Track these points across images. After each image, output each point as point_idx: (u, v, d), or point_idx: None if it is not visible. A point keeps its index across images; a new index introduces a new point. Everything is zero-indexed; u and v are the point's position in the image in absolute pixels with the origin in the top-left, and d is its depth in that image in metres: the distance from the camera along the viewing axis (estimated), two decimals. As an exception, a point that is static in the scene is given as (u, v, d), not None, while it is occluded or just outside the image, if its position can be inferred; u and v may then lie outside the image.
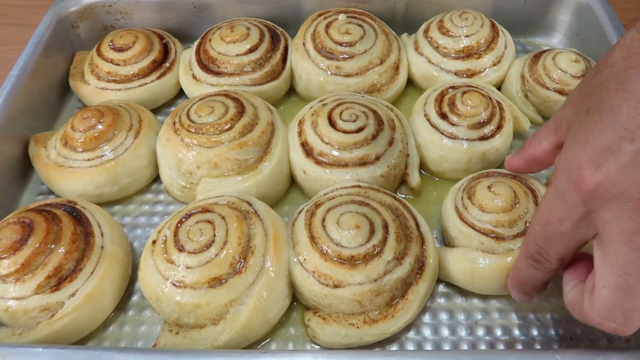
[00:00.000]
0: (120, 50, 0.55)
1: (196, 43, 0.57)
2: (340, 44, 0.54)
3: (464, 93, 0.48)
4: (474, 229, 0.41)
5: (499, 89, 0.55)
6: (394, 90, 0.55)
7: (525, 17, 0.61)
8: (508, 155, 0.43)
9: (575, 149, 0.31)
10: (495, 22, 0.57)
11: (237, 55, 0.54)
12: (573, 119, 0.34)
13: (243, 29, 0.55)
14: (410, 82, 0.58)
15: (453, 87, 0.50)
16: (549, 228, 0.33)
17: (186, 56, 0.58)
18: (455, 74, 0.54)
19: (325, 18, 0.57)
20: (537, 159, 0.39)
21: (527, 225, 0.40)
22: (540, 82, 0.52)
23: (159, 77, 0.56)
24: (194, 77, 0.55)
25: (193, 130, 0.47)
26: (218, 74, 0.54)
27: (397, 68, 0.56)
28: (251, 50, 0.54)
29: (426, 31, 0.57)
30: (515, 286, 0.38)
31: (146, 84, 0.55)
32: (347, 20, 0.56)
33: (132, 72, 0.55)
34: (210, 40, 0.56)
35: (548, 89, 0.52)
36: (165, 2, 0.61)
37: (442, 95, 0.50)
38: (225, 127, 0.46)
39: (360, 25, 0.55)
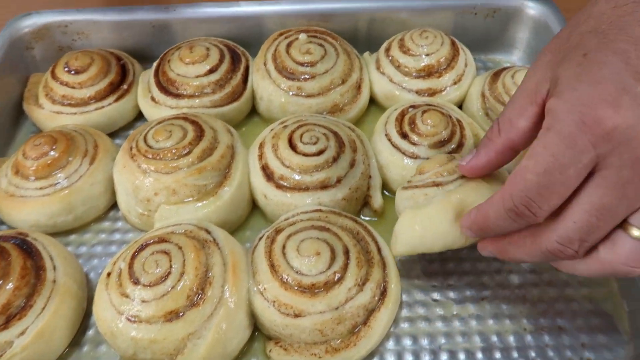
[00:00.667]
0: (75, 72, 0.54)
1: (155, 64, 0.56)
2: (301, 64, 0.53)
3: (424, 112, 0.48)
4: (417, 187, 0.41)
5: (460, 107, 0.56)
6: (357, 110, 0.55)
7: (485, 35, 0.62)
8: (461, 160, 0.39)
9: (585, 90, 0.29)
10: (455, 40, 0.57)
11: (197, 76, 0.53)
12: (562, 70, 0.31)
13: (202, 49, 0.54)
14: (372, 101, 0.57)
15: (413, 107, 0.50)
16: (548, 177, 0.30)
17: (145, 78, 0.56)
18: (417, 93, 0.54)
19: (286, 37, 0.57)
20: (513, 144, 0.35)
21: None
22: (500, 100, 0.52)
23: (116, 100, 0.54)
24: (153, 99, 0.54)
25: (150, 156, 0.45)
26: (177, 96, 0.53)
27: (359, 87, 0.56)
28: (211, 71, 0.54)
29: (387, 50, 0.57)
30: (477, 231, 0.36)
31: (103, 107, 0.54)
32: (308, 39, 0.55)
33: (88, 95, 0.53)
34: (169, 61, 0.55)
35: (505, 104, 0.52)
36: (123, 22, 0.60)
37: (402, 114, 0.50)
38: (184, 152, 0.45)
39: (321, 45, 0.55)
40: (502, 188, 0.32)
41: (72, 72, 0.54)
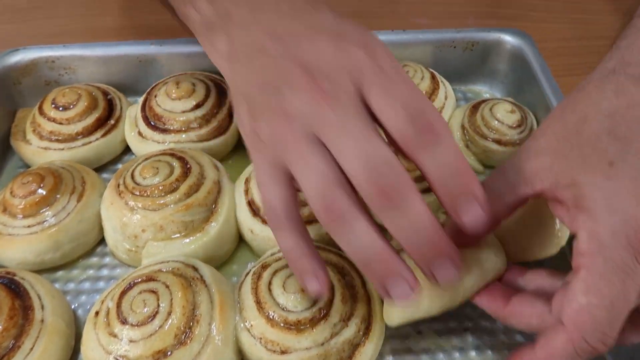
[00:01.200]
0: (63, 108, 0.54)
1: (142, 99, 0.57)
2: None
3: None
4: None
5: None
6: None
7: (464, 67, 0.63)
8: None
9: (625, 211, 0.29)
10: (435, 73, 0.59)
11: (183, 112, 0.54)
12: (586, 180, 0.30)
13: (189, 85, 0.56)
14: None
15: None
16: (617, 308, 0.29)
17: (132, 112, 0.57)
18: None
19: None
20: (497, 217, 0.35)
21: None
22: (479, 132, 0.54)
23: (103, 135, 0.55)
24: (140, 134, 0.55)
25: (137, 193, 0.46)
26: (164, 131, 0.54)
27: (342, 120, 0.57)
28: (197, 107, 0.55)
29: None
30: None
31: (91, 142, 0.54)
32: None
33: (75, 131, 0.54)
34: (155, 96, 0.56)
35: (487, 139, 0.54)
36: (110, 57, 0.61)
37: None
38: (171, 189, 0.46)
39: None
40: (563, 330, 0.30)
41: (60, 109, 0.54)
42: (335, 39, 0.32)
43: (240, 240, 0.50)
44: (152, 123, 0.55)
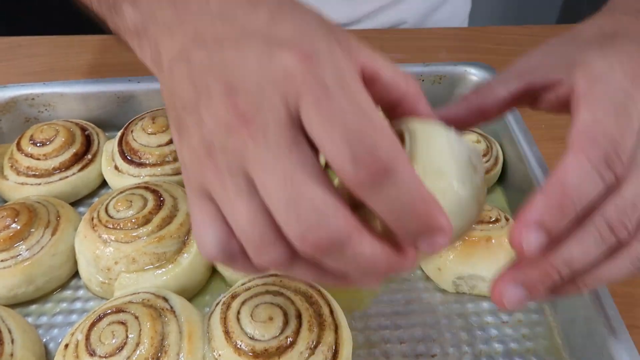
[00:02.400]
0: (41, 144, 0.56)
1: (119, 134, 0.59)
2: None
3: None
4: None
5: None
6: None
7: (432, 98, 0.63)
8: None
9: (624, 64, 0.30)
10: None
11: (159, 145, 0.56)
12: (574, 57, 0.32)
13: (164, 120, 0.57)
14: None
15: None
16: (624, 120, 0.28)
17: (109, 147, 0.59)
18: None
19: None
20: (485, 108, 0.34)
21: None
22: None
23: (80, 170, 0.56)
24: (117, 168, 0.56)
25: (111, 226, 0.47)
26: (140, 164, 0.55)
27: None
28: (172, 141, 0.56)
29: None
30: (556, 214, 0.27)
31: (67, 177, 0.55)
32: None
33: (52, 166, 0.55)
34: (132, 131, 0.57)
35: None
36: (89, 94, 0.62)
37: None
38: (144, 221, 0.47)
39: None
40: (570, 150, 0.28)
41: (38, 144, 0.56)
42: (267, 44, 0.25)
43: (214, 271, 0.51)
44: (129, 157, 0.56)
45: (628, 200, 0.28)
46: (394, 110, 0.31)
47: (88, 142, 0.59)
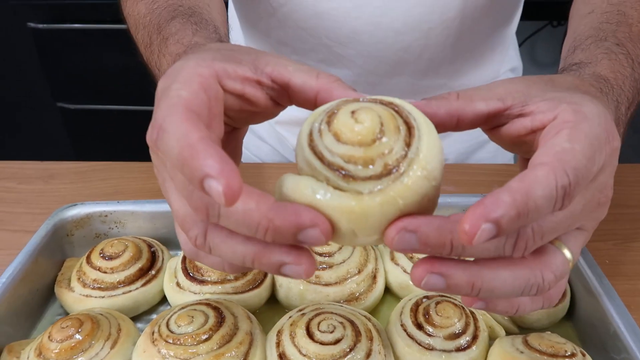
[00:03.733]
0: (109, 258, 0.58)
1: (183, 252, 0.60)
2: (320, 255, 0.57)
3: (437, 303, 0.50)
4: (321, 160, 0.30)
5: (472, 298, 0.57)
6: (372, 299, 0.57)
7: None
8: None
9: (603, 111, 0.32)
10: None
11: (221, 264, 0.57)
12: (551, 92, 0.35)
13: (228, 239, 0.59)
14: (387, 290, 0.60)
15: (427, 297, 0.52)
16: (590, 165, 0.30)
17: (172, 264, 0.60)
18: (430, 283, 0.56)
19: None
20: (461, 117, 0.34)
21: (388, 166, 0.29)
22: (512, 292, 0.54)
23: (143, 285, 0.57)
24: (178, 285, 0.57)
25: (171, 341, 0.47)
26: (202, 282, 0.56)
27: (374, 277, 0.58)
28: (235, 260, 0.57)
29: (400, 242, 0.60)
30: (512, 221, 0.26)
31: (130, 291, 0.56)
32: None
33: (118, 280, 0.56)
34: (196, 249, 0.59)
35: (519, 299, 0.53)
36: (157, 213, 0.65)
37: (417, 305, 0.51)
38: (204, 338, 0.47)
39: (338, 237, 0.59)
40: (543, 164, 0.28)
41: (106, 258, 0.58)
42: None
43: (268, 397, 0.49)
44: (191, 274, 0.57)
45: (547, 227, 0.30)
46: (316, 102, 0.34)
47: (153, 258, 0.60)
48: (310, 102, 0.35)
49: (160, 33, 0.49)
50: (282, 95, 0.36)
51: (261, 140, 0.96)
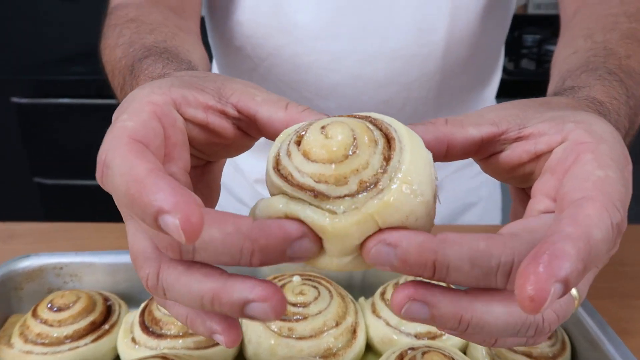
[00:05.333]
0: (58, 309, 0.52)
1: (143, 304, 0.54)
2: (294, 305, 0.52)
3: (423, 354, 0.44)
4: (290, 183, 0.26)
5: (464, 352, 0.51)
6: (352, 356, 0.50)
7: None
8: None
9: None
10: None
11: (183, 316, 0.51)
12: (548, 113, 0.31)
13: (193, 289, 0.53)
14: (369, 347, 0.53)
15: (412, 349, 0.46)
16: (629, 188, 0.27)
17: (129, 318, 0.54)
18: (416, 336, 0.51)
19: (279, 281, 0.56)
20: (451, 143, 0.31)
21: (364, 183, 0.25)
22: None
23: (94, 340, 0.51)
24: (133, 340, 0.51)
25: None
26: (160, 336, 0.50)
27: (354, 332, 0.52)
28: (199, 311, 0.51)
29: (383, 294, 0.55)
30: (577, 274, 0.22)
31: (78, 347, 0.50)
32: (302, 282, 0.55)
33: (64, 334, 0.50)
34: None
35: (515, 352, 0.48)
36: (119, 265, 0.60)
37: (401, 357, 0.46)
38: (155, 394, 0.40)
39: (315, 287, 0.54)
40: (590, 200, 0.24)
41: (55, 310, 0.52)
42: None
43: None
44: (149, 328, 0.51)
45: None
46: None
47: (109, 312, 0.54)
48: (277, 132, 0.31)
49: (132, 72, 0.46)
50: (251, 127, 0.32)
51: (241, 203, 0.92)
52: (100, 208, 1.72)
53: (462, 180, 0.87)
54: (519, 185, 0.35)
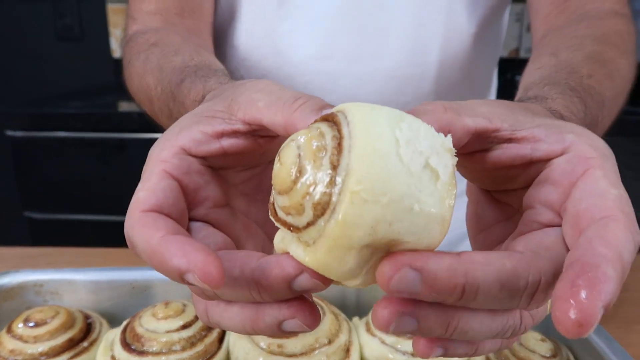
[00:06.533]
0: (35, 325, 0.49)
1: (125, 322, 0.52)
2: (284, 321, 0.49)
3: (421, 368, 0.42)
4: (275, 219, 0.25)
5: (463, 371, 0.49)
6: (345, 375, 0.48)
7: None
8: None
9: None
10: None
11: (167, 332, 0.48)
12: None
13: (179, 305, 0.51)
14: (363, 368, 0.51)
15: (409, 365, 0.44)
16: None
17: (110, 336, 0.51)
18: (412, 355, 0.48)
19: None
20: (449, 131, 0.28)
21: (318, 205, 0.22)
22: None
23: (71, 358, 0.48)
24: (113, 358, 0.48)
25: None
26: (141, 353, 0.47)
27: (347, 351, 0.50)
28: (184, 327, 0.49)
29: (378, 312, 0.53)
30: (610, 297, 0.21)
31: (54, 365, 0.47)
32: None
33: (39, 351, 0.47)
34: (140, 317, 0.50)
35: (518, 370, 0.45)
36: (101, 282, 0.57)
37: (397, 374, 0.43)
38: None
39: (306, 304, 0.51)
40: (614, 219, 0.23)
41: (31, 325, 0.49)
42: None
43: None
44: (130, 345, 0.48)
45: None
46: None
47: (88, 329, 0.51)
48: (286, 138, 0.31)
49: (176, 100, 0.46)
50: (267, 132, 0.31)
51: None
52: (90, 240, 1.69)
53: (458, 208, 0.86)
54: (490, 187, 0.33)
